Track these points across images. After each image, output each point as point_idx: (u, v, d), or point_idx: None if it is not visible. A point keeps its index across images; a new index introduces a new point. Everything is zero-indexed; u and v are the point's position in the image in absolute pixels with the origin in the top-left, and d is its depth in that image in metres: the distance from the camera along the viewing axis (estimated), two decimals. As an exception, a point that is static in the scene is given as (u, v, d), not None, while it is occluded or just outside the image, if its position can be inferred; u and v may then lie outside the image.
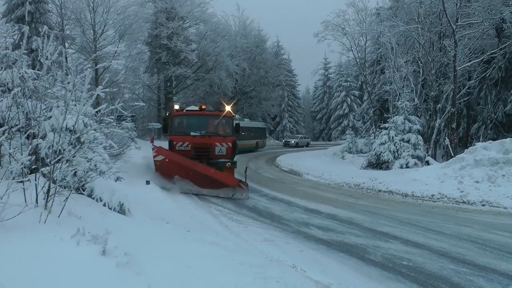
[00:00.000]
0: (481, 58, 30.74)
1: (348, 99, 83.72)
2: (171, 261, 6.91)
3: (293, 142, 64.36)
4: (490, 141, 22.69)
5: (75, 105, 8.82)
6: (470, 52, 30.74)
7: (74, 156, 8.66)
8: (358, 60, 42.77)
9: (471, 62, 30.66)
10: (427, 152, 29.69)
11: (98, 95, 9.12)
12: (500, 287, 8.08)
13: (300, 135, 71.01)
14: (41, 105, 8.53)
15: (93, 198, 10.56)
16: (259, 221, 13.45)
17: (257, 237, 11.48)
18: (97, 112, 10.68)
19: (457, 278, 8.52)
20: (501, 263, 9.55)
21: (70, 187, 8.67)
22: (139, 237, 8.20)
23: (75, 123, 8.63)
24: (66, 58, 23.12)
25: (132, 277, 5.70)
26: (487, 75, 33.48)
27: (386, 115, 33.69)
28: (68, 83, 8.51)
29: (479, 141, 26.08)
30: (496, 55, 32.00)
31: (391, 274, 8.71)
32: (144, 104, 53.67)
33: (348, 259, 9.68)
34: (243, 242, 10.75)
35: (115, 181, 15.30)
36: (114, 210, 10.69)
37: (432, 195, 18.69)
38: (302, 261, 9.27)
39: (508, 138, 21.67)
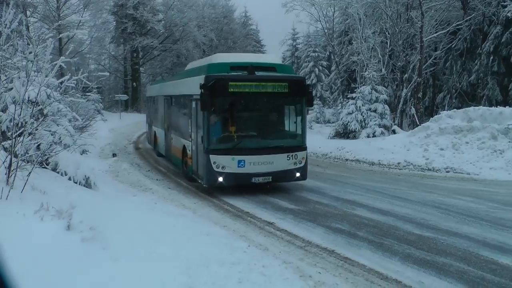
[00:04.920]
0: (447, 29, 31.29)
1: (316, 69, 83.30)
2: (138, 234, 6.88)
3: None
4: (455, 109, 23.09)
5: (37, 76, 8.62)
6: (437, 24, 31.04)
7: (37, 129, 8.51)
8: (326, 31, 42.60)
9: (437, 33, 31.02)
10: (394, 121, 29.95)
11: (62, 66, 8.93)
12: (461, 249, 8.28)
13: None
14: (0, 76, 8.31)
15: (58, 172, 10.42)
16: (222, 193, 13.37)
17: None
18: (60, 83, 10.45)
19: (421, 242, 8.70)
20: (463, 226, 9.81)
21: (33, 161, 8.52)
22: (105, 211, 8.13)
23: (37, 94, 8.44)
24: (27, 27, 22.38)
25: (98, 251, 5.65)
26: (453, 46, 33.98)
27: (354, 85, 33.80)
28: (30, 53, 8.29)
29: (444, 110, 26.48)
30: (462, 26, 32.55)
31: (358, 241, 8.83)
32: (108, 74, 52.92)
33: (314, 227, 9.77)
34: (210, 214, 10.80)
35: (81, 154, 15.12)
36: (79, 184, 10.58)
37: (398, 163, 18.97)
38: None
39: (472, 107, 22.09)
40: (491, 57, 32.47)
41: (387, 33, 32.41)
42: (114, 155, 20.58)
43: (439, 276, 7.08)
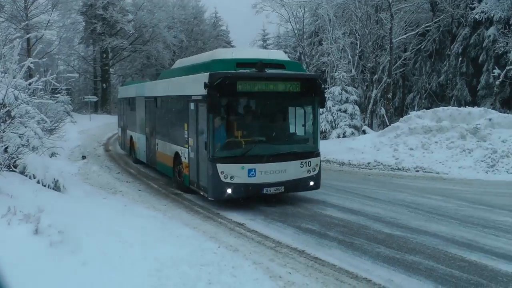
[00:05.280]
0: (416, 31, 31.96)
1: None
2: (108, 237, 6.83)
3: None
4: (424, 110, 23.46)
5: (4, 77, 8.51)
6: (406, 25, 31.63)
7: (4, 132, 8.38)
8: (296, 32, 42.84)
9: (406, 35, 31.60)
10: (364, 122, 30.25)
11: (30, 67, 8.82)
12: (430, 247, 8.44)
13: None
14: (-35, 78, 8.18)
15: (26, 176, 10.23)
16: (195, 195, 13.31)
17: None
18: (29, 84, 10.32)
19: (391, 241, 8.83)
20: (432, 224, 9.99)
21: (0, 164, 8.39)
22: (74, 214, 8.05)
23: (5, 96, 8.33)
24: (-6, 28, 21.92)
25: (67, 255, 5.60)
26: (422, 47, 34.68)
27: (324, 86, 34.08)
28: (-4, 53, 8.18)
29: (413, 110, 26.85)
30: (431, 28, 33.27)
31: (328, 240, 8.90)
32: (77, 75, 52.25)
33: (285, 228, 9.83)
34: (181, 215, 10.81)
35: (50, 157, 14.91)
36: (48, 187, 10.41)
37: (368, 163, 19.16)
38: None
39: (441, 107, 22.45)
40: (460, 58, 33.15)
41: (357, 34, 32.77)
42: (83, 157, 20.36)
43: (409, 274, 7.20)
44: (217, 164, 10.95)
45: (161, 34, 54.32)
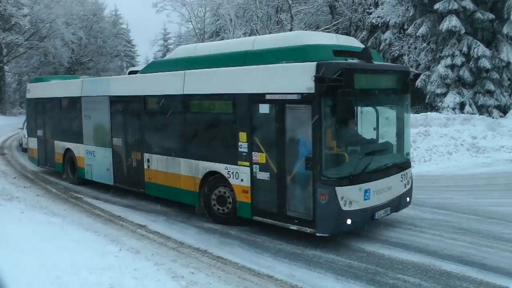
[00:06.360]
0: (316, 32, 32.87)
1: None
2: (2, 247, 6.61)
3: None
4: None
5: None
6: (306, 27, 32.57)
7: None
8: (197, 31, 42.99)
9: (306, 36, 32.51)
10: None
11: None
12: (330, 241, 8.66)
13: None
14: None
15: None
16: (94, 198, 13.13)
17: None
18: None
19: (292, 236, 9.01)
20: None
21: None
22: (-35, 225, 7.71)
23: None
24: None
25: (-44, 270, 5.37)
26: (322, 49, 35.81)
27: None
28: None
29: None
30: (330, 30, 34.38)
31: (230, 239, 9.07)
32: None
33: (187, 228, 9.95)
34: (81, 219, 10.60)
35: None
36: None
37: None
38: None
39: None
40: (358, 60, 34.60)
41: (257, 34, 33.32)
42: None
43: (310, 268, 7.52)
44: (336, 188, 8.11)
45: (59, 30, 52.32)
